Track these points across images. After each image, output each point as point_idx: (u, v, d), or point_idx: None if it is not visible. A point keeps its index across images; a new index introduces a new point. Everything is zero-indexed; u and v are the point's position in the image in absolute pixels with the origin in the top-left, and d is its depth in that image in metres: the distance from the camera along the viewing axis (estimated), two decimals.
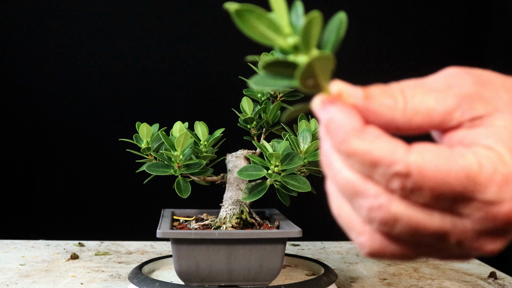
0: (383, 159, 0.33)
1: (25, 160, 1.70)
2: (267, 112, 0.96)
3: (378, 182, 0.34)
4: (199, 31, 1.72)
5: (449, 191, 0.32)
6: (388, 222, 0.34)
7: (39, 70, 1.68)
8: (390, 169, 0.33)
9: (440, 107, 0.35)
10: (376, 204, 0.34)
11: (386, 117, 0.35)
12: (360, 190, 0.34)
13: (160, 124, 0.94)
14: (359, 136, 0.33)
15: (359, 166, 0.34)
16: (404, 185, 0.33)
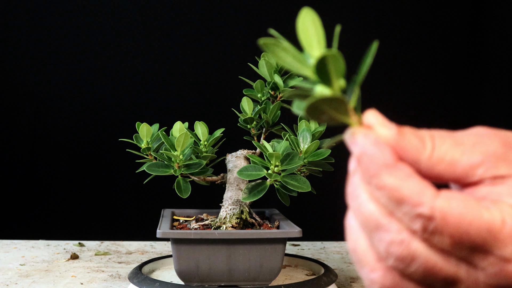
0: (410, 198, 0.34)
1: (25, 160, 1.70)
2: (267, 112, 0.96)
3: (401, 220, 0.34)
4: (199, 31, 1.72)
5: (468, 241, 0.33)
6: (406, 259, 0.34)
7: (39, 70, 1.68)
8: (415, 209, 0.33)
9: (464, 160, 0.35)
10: (397, 239, 0.34)
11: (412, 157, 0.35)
12: (383, 224, 0.35)
13: (160, 124, 0.94)
14: (390, 171, 0.34)
15: (386, 201, 0.34)
16: (426, 227, 0.33)
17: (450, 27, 1.79)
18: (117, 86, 1.71)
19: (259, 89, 0.97)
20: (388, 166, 0.34)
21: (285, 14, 1.75)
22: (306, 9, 0.35)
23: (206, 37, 1.73)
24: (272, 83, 0.95)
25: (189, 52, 1.73)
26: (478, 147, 0.36)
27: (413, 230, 0.34)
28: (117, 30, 1.70)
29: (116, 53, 1.71)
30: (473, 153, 0.35)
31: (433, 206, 0.33)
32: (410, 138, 0.35)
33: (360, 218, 0.36)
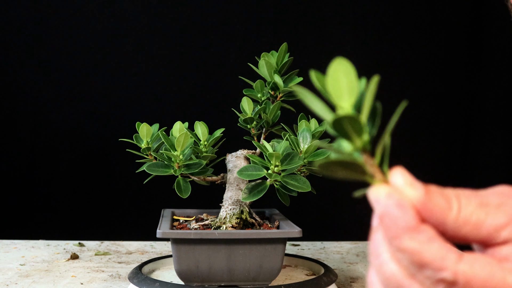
0: (432, 262, 0.33)
1: (25, 160, 1.70)
2: (267, 112, 0.95)
3: (423, 283, 0.34)
4: (199, 31, 1.72)
5: None
6: None
7: (39, 70, 1.68)
8: (438, 274, 0.33)
9: (490, 222, 0.35)
10: None
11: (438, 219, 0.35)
12: (404, 286, 0.35)
13: (160, 124, 0.94)
14: (412, 235, 0.34)
15: (407, 263, 0.34)
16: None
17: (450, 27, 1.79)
18: (117, 86, 1.71)
19: (259, 89, 0.97)
20: (410, 229, 0.34)
21: (285, 14, 1.75)
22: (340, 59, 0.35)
23: (206, 37, 1.73)
24: (272, 83, 0.95)
25: (189, 52, 1.73)
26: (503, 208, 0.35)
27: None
28: (117, 30, 1.70)
29: (116, 53, 1.71)
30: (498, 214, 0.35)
31: (456, 271, 0.33)
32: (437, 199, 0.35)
33: (381, 277, 0.36)
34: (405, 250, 0.34)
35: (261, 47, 1.02)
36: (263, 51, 0.96)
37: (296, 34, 1.75)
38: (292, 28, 1.75)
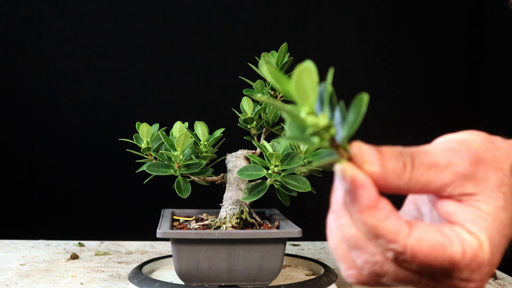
0: (386, 235, 0.39)
1: (25, 160, 1.70)
2: (267, 112, 0.96)
3: (377, 246, 0.40)
4: (199, 31, 1.72)
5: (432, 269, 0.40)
6: (378, 274, 0.41)
7: (39, 70, 1.68)
8: (389, 245, 0.39)
9: (437, 181, 0.40)
10: (372, 260, 0.40)
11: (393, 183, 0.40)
12: (361, 246, 0.40)
13: (160, 124, 0.94)
14: (371, 213, 0.39)
15: (365, 231, 0.40)
16: (397, 258, 0.40)
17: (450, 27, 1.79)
18: (117, 86, 1.71)
19: (259, 89, 0.97)
20: (370, 207, 0.39)
21: (285, 14, 1.75)
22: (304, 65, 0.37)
23: (206, 37, 1.73)
24: (272, 83, 0.95)
25: (189, 52, 1.73)
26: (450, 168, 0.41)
27: (386, 256, 0.40)
28: (117, 30, 1.70)
29: (116, 53, 1.71)
30: (444, 174, 0.41)
31: (405, 244, 0.39)
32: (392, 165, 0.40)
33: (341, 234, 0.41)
34: (365, 223, 0.39)
35: (261, 47, 1.02)
36: (263, 51, 0.96)
37: (296, 34, 1.75)
38: (292, 28, 1.75)
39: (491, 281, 1.04)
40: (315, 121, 0.37)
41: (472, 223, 0.40)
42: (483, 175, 0.41)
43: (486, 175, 0.41)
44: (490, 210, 0.41)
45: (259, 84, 0.96)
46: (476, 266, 0.40)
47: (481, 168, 0.41)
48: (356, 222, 0.40)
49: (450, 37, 1.78)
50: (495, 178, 0.42)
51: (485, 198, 0.41)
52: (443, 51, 1.78)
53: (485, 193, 0.41)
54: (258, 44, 1.71)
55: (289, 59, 0.95)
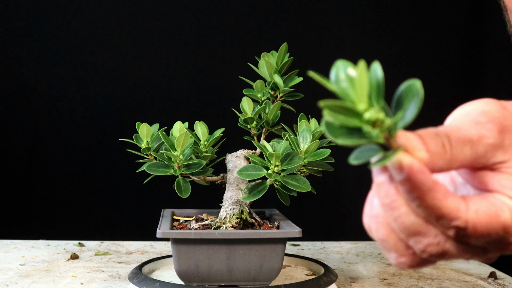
0: (448, 215, 0.41)
1: (25, 160, 1.70)
2: (267, 112, 0.96)
3: (438, 227, 0.42)
4: (199, 31, 1.72)
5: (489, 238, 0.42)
6: (440, 255, 0.43)
7: (39, 69, 1.68)
8: (452, 223, 0.41)
9: (473, 155, 0.43)
10: (435, 242, 0.42)
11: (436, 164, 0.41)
12: (422, 232, 0.42)
13: (160, 124, 0.94)
14: (432, 195, 0.40)
15: (426, 215, 0.41)
16: (459, 234, 0.42)
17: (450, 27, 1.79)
18: (117, 86, 1.71)
19: (259, 89, 0.97)
20: (431, 190, 0.40)
21: (285, 14, 1.75)
22: None
23: (206, 37, 1.73)
24: (272, 83, 0.95)
25: (189, 52, 1.73)
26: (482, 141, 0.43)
27: (448, 234, 0.42)
28: (117, 30, 1.70)
29: (116, 53, 1.71)
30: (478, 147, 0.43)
31: (466, 220, 0.41)
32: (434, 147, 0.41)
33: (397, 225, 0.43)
34: (427, 207, 0.41)
35: (261, 47, 1.02)
36: (263, 51, 0.96)
37: (296, 34, 1.75)
38: (292, 28, 1.75)
39: (490, 281, 1.04)
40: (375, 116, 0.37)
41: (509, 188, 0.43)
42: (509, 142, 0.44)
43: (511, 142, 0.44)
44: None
45: (259, 84, 0.96)
46: None
47: (506, 136, 0.44)
48: (415, 209, 0.41)
49: (450, 37, 1.78)
50: None
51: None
52: (443, 51, 1.78)
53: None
54: (258, 44, 1.71)
55: (289, 59, 0.95)
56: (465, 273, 1.09)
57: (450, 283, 1.02)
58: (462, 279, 1.05)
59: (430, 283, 1.02)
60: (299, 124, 0.92)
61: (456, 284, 1.02)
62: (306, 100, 0.98)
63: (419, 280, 1.03)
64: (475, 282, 1.04)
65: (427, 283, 1.01)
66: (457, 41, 1.79)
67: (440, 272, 1.10)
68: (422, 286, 1.00)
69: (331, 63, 0.44)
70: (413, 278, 1.05)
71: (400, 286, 0.99)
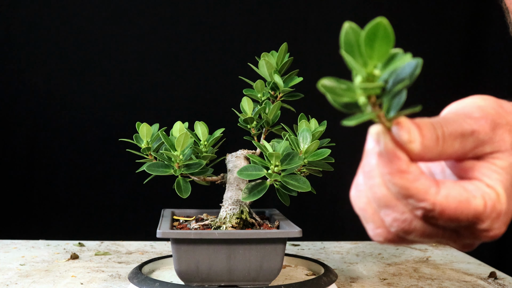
0: (416, 195, 0.42)
1: (25, 160, 1.70)
2: (267, 112, 0.96)
3: (406, 205, 0.43)
4: (199, 31, 1.72)
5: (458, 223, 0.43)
6: (406, 231, 0.44)
7: (39, 70, 1.68)
8: (419, 204, 0.42)
9: (461, 149, 0.44)
10: (401, 218, 0.44)
11: (425, 156, 0.43)
12: (391, 205, 0.43)
13: (160, 124, 0.94)
14: (402, 175, 0.42)
15: (396, 191, 0.43)
16: (426, 215, 0.43)
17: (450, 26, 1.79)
18: (117, 86, 1.71)
19: (259, 89, 0.97)
20: (401, 171, 0.42)
21: (285, 14, 1.75)
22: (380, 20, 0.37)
23: (206, 37, 1.73)
24: (272, 83, 0.95)
25: (189, 52, 1.73)
26: (473, 136, 0.44)
27: (415, 214, 0.43)
28: (118, 30, 1.70)
29: (116, 53, 1.71)
30: (468, 142, 0.44)
31: (434, 202, 0.42)
32: (428, 141, 0.42)
33: (371, 194, 0.44)
34: (396, 184, 0.42)
35: (261, 47, 1.02)
36: (263, 51, 0.96)
37: (296, 34, 1.75)
38: (292, 28, 1.75)
39: (490, 281, 1.04)
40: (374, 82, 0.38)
41: (488, 176, 0.44)
42: (500, 137, 0.45)
43: (502, 138, 0.45)
44: (503, 165, 0.45)
45: (259, 84, 0.96)
46: (495, 216, 0.43)
47: (498, 132, 0.45)
48: (387, 183, 0.43)
49: (450, 37, 1.78)
50: (510, 139, 0.46)
51: (500, 155, 0.45)
52: (443, 51, 1.78)
53: (500, 151, 0.45)
54: (258, 44, 1.71)
55: (289, 59, 0.95)
56: (465, 273, 1.09)
57: (450, 283, 1.02)
58: (462, 279, 1.05)
59: (430, 283, 1.02)
60: (299, 124, 0.92)
61: (456, 284, 1.02)
62: (306, 100, 0.98)
63: (419, 280, 1.03)
64: (475, 282, 1.04)
65: (427, 283, 1.01)
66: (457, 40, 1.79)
67: (440, 272, 1.10)
68: (422, 286, 1.00)
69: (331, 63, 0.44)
70: (413, 278, 1.05)
71: (400, 286, 0.99)
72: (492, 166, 0.44)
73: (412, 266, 1.13)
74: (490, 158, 0.45)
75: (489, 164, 0.45)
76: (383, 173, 0.42)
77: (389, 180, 0.42)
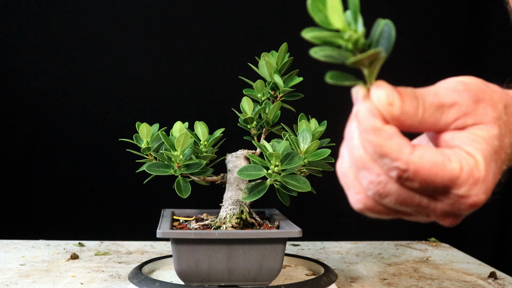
0: (390, 154, 0.43)
1: (25, 160, 1.70)
2: (267, 112, 0.96)
3: (382, 166, 0.44)
4: (199, 31, 1.72)
5: (433, 186, 0.43)
6: (382, 195, 0.45)
7: (39, 69, 1.68)
8: (393, 163, 0.43)
9: (442, 120, 0.45)
10: (376, 180, 0.44)
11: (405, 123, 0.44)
12: (367, 167, 0.44)
13: (160, 124, 0.94)
14: (376, 133, 0.43)
15: (372, 151, 0.43)
16: (401, 176, 0.43)
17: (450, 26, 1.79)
18: (117, 86, 1.71)
19: (259, 89, 0.97)
20: (375, 128, 0.43)
21: (285, 14, 1.75)
22: None
23: (206, 37, 1.73)
24: (272, 83, 0.95)
25: (189, 52, 1.73)
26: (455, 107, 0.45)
27: (390, 175, 0.44)
28: (117, 30, 1.70)
29: (116, 53, 1.71)
30: (450, 113, 0.45)
31: (407, 161, 0.43)
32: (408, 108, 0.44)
33: (351, 156, 0.45)
34: (371, 142, 0.43)
35: (261, 47, 1.02)
36: (263, 51, 0.96)
37: (296, 34, 1.74)
38: (292, 28, 1.75)
39: (490, 281, 1.05)
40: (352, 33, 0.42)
41: (468, 144, 0.45)
42: (483, 111, 0.46)
43: (485, 111, 0.46)
44: (484, 135, 0.45)
45: (259, 84, 0.96)
46: (473, 182, 0.44)
47: (481, 106, 0.46)
48: (364, 143, 0.44)
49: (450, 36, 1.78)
50: (493, 113, 0.46)
51: (481, 126, 0.46)
52: (443, 50, 1.78)
53: (482, 122, 0.46)
54: (258, 44, 1.71)
55: (289, 59, 0.95)
56: (465, 273, 1.09)
57: (450, 283, 1.02)
58: (462, 279, 1.05)
59: (430, 283, 1.02)
60: (299, 124, 0.92)
61: (456, 284, 1.02)
62: (306, 100, 0.98)
63: (419, 280, 1.03)
64: (475, 282, 1.04)
65: (427, 283, 1.01)
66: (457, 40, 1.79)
67: (440, 272, 1.10)
68: (422, 286, 1.00)
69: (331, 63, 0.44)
70: (413, 278, 1.05)
71: (400, 286, 0.99)
72: (473, 136, 0.45)
73: (412, 266, 1.13)
74: (471, 128, 0.45)
75: (470, 134, 0.45)
76: (360, 131, 0.43)
77: (365, 139, 0.43)
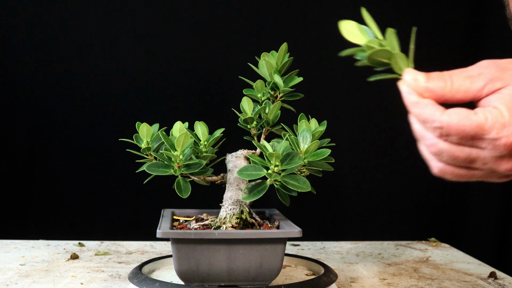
0: (427, 118, 0.54)
1: (25, 160, 1.70)
2: (267, 112, 0.96)
3: (428, 130, 0.55)
4: (199, 31, 1.72)
5: (468, 135, 0.53)
6: (438, 153, 0.56)
7: (39, 70, 1.68)
8: (432, 124, 0.54)
9: (473, 87, 0.55)
10: (430, 143, 0.56)
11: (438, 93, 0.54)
12: (423, 136, 0.56)
13: (160, 124, 0.94)
14: (415, 105, 0.55)
15: (418, 121, 0.56)
16: (441, 133, 0.54)
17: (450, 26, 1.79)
18: (117, 86, 1.71)
19: (259, 89, 0.97)
20: (414, 102, 0.55)
21: (285, 14, 1.75)
22: None
23: (206, 37, 1.73)
24: (272, 83, 0.95)
25: (189, 52, 1.72)
26: (482, 76, 0.55)
27: (436, 136, 0.55)
28: (117, 30, 1.70)
29: (116, 53, 1.71)
30: (478, 81, 0.54)
31: (440, 120, 0.53)
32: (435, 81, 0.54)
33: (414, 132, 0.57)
34: (414, 114, 0.55)
35: (261, 47, 1.02)
36: (263, 51, 0.96)
37: (296, 34, 1.75)
38: (292, 28, 1.75)
39: (490, 281, 1.05)
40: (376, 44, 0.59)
41: (494, 101, 0.53)
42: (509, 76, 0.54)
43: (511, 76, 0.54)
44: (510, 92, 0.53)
45: (259, 84, 0.96)
46: (500, 126, 0.52)
47: (507, 72, 0.55)
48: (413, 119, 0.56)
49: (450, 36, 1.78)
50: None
51: (509, 87, 0.54)
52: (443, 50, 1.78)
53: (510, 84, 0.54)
54: (258, 44, 1.71)
55: (289, 59, 0.95)
56: (465, 273, 1.09)
57: (450, 283, 1.02)
58: (462, 279, 1.05)
59: (430, 283, 1.02)
60: (299, 124, 0.92)
61: (456, 284, 1.02)
62: (306, 100, 0.98)
63: (419, 280, 1.03)
64: (475, 282, 1.04)
65: (427, 283, 1.01)
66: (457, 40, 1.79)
67: (440, 272, 1.10)
68: (422, 286, 1.00)
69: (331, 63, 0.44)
70: (413, 278, 1.05)
71: (400, 286, 0.99)
72: (500, 95, 0.53)
73: (412, 266, 1.13)
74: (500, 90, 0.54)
75: (498, 93, 0.54)
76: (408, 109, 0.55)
77: (411, 113, 0.55)
